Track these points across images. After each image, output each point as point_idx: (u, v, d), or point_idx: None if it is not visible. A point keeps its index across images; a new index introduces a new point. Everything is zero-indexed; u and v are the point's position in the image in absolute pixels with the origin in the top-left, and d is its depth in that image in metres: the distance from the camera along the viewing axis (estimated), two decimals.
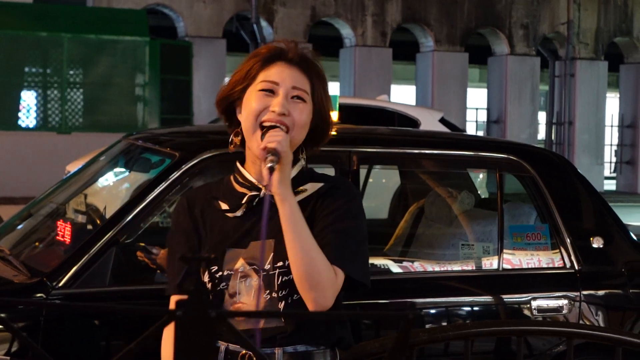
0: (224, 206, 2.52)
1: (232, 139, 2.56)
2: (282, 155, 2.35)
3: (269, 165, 2.33)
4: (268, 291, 2.43)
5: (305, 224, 2.37)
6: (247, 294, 2.43)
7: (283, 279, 2.42)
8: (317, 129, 2.54)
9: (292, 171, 2.49)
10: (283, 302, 2.42)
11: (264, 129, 2.43)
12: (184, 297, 2.43)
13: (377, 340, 2.80)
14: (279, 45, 2.53)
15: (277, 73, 2.49)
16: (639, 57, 23.96)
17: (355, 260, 2.44)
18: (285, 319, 2.43)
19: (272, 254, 2.44)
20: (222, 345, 2.45)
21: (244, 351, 2.42)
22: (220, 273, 2.45)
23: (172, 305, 2.41)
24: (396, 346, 1.00)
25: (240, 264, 2.44)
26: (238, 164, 2.58)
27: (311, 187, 2.51)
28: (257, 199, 2.50)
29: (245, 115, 2.48)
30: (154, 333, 1.11)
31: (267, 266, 2.43)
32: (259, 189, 2.50)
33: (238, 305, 2.43)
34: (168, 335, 2.43)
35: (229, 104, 2.55)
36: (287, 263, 2.40)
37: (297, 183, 2.49)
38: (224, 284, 2.44)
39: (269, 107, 2.45)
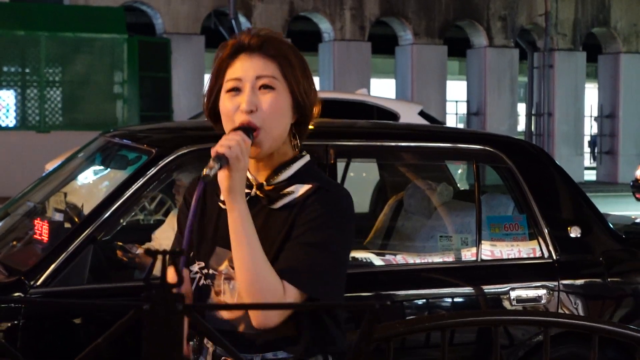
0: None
1: None
2: (231, 161, 2.19)
3: (204, 174, 2.16)
4: None
5: (255, 235, 2.25)
6: (230, 296, 2.37)
7: None
8: (299, 108, 2.39)
9: (293, 167, 2.39)
10: None
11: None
12: None
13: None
14: (239, 37, 2.40)
15: (240, 67, 2.36)
16: (616, 48, 24.08)
17: (315, 275, 2.28)
18: None
19: None
20: (210, 347, 2.42)
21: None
22: (206, 271, 2.39)
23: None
24: (362, 337, 1.00)
25: (224, 266, 2.37)
26: None
27: (297, 190, 2.36)
28: (247, 198, 2.35)
29: (223, 121, 2.37)
30: (121, 328, 1.11)
31: None
32: (252, 187, 2.39)
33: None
34: None
35: (217, 112, 2.42)
36: None
37: (292, 181, 2.37)
38: (209, 280, 2.39)
39: (239, 106, 2.33)
